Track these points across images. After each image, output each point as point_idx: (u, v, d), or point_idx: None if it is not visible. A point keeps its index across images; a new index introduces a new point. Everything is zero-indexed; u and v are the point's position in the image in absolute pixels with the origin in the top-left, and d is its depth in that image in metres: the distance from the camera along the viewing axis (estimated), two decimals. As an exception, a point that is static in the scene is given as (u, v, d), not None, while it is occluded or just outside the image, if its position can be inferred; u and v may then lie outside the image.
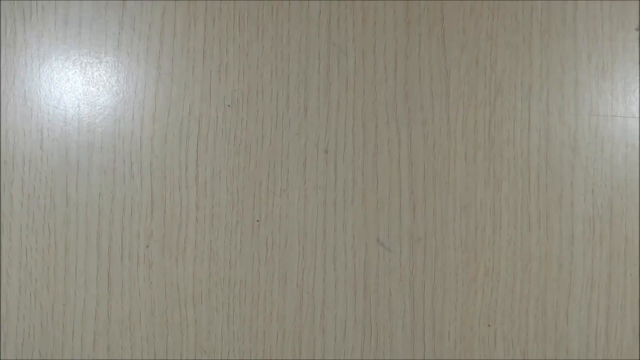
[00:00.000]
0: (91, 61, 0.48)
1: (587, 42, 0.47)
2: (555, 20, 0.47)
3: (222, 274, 0.48)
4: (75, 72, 0.48)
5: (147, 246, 0.48)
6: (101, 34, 0.48)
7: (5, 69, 0.48)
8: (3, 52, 0.48)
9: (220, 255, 0.48)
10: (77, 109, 0.48)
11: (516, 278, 0.47)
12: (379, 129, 0.48)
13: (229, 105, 0.48)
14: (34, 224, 0.48)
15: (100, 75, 0.48)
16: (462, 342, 0.48)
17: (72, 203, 0.48)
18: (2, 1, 0.47)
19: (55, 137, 0.48)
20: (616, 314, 0.46)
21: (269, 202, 0.48)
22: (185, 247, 0.48)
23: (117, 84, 0.48)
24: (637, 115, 0.47)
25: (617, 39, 0.47)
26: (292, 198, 0.48)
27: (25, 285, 0.48)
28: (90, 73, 0.48)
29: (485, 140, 0.47)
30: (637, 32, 0.47)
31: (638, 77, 0.47)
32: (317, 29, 0.48)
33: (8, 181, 0.48)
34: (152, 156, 0.48)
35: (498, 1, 0.47)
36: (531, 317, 0.47)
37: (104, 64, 0.48)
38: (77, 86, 0.48)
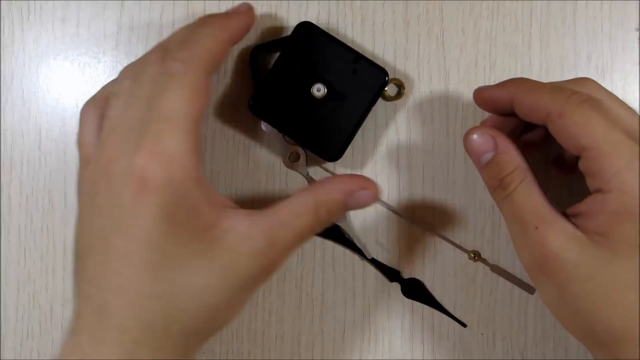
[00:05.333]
0: (89, 61, 0.48)
1: (587, 42, 0.47)
2: (555, 20, 0.47)
3: (220, 274, 0.47)
4: (74, 72, 0.48)
5: (146, 247, 0.47)
6: (99, 34, 0.47)
7: (3, 69, 0.47)
8: (1, 52, 0.47)
9: (219, 256, 0.48)
10: (76, 109, 0.48)
11: (515, 279, 0.47)
12: (378, 129, 0.47)
13: (228, 105, 0.48)
14: (33, 225, 0.48)
15: (98, 76, 0.48)
16: (461, 343, 0.48)
17: (71, 204, 0.48)
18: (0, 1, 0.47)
19: (53, 138, 0.48)
20: (615, 315, 0.46)
21: (267, 202, 0.47)
22: (184, 248, 0.47)
23: (115, 84, 0.48)
24: (637, 115, 0.46)
25: (617, 40, 0.47)
26: (291, 199, 0.47)
27: (23, 286, 0.48)
28: (88, 73, 0.48)
29: (485, 140, 0.47)
30: (637, 33, 0.47)
31: (638, 78, 0.47)
32: (316, 29, 0.47)
33: (6, 182, 0.48)
34: (151, 157, 0.47)
35: (497, 1, 0.46)
36: (530, 317, 0.47)
37: (102, 64, 0.48)
38: (75, 86, 0.48)
